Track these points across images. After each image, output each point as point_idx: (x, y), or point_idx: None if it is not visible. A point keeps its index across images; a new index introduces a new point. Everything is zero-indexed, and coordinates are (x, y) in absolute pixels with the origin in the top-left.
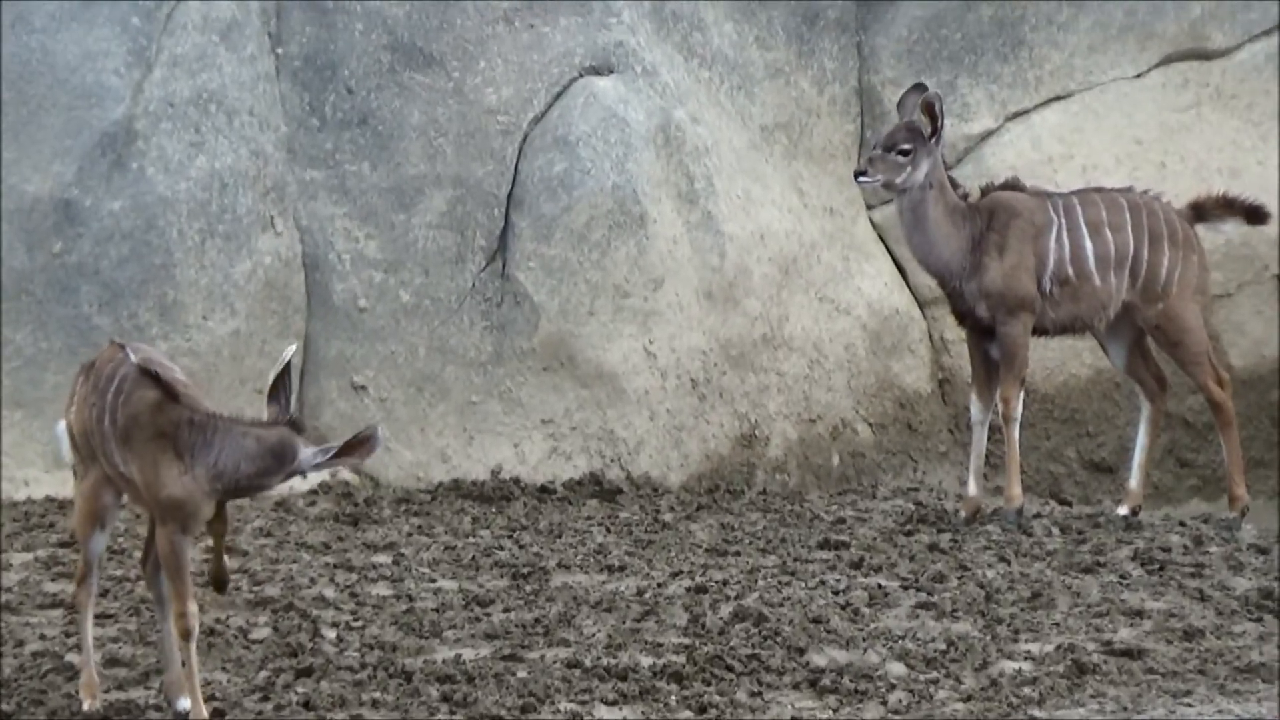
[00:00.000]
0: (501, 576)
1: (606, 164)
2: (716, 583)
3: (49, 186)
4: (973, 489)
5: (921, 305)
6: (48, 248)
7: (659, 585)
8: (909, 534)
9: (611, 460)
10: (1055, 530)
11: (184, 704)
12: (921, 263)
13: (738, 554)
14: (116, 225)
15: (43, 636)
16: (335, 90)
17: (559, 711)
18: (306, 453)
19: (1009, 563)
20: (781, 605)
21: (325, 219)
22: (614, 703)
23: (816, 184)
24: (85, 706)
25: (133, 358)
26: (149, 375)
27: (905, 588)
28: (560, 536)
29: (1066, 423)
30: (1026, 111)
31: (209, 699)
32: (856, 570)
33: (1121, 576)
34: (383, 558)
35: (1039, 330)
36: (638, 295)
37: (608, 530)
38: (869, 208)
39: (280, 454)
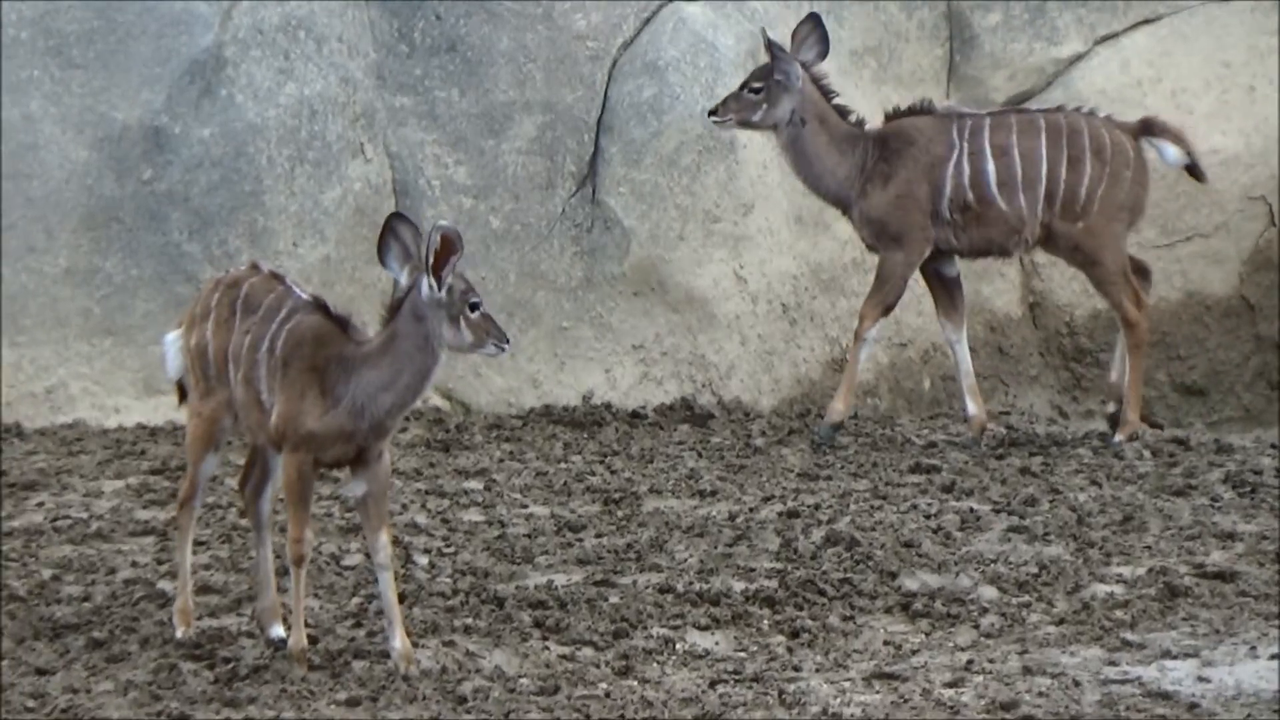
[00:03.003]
0: (593, 502)
1: (696, 89)
2: (808, 507)
3: (138, 114)
4: (972, 408)
5: None
6: (137, 175)
7: (750, 510)
8: (1000, 458)
9: (703, 385)
10: (1146, 453)
11: (277, 631)
12: (814, 195)
13: (829, 478)
14: (206, 152)
15: (135, 564)
16: (424, 16)
17: (651, 637)
18: (426, 305)
19: (1100, 486)
20: (873, 529)
21: (415, 145)
22: (706, 628)
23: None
24: (179, 634)
25: (299, 291)
26: (321, 307)
27: (997, 511)
28: (652, 462)
29: (1157, 346)
30: (1115, 35)
31: None
32: (948, 494)
33: (1213, 499)
34: (474, 484)
35: (955, 251)
36: (728, 220)
37: (699, 455)
38: None
39: (424, 371)
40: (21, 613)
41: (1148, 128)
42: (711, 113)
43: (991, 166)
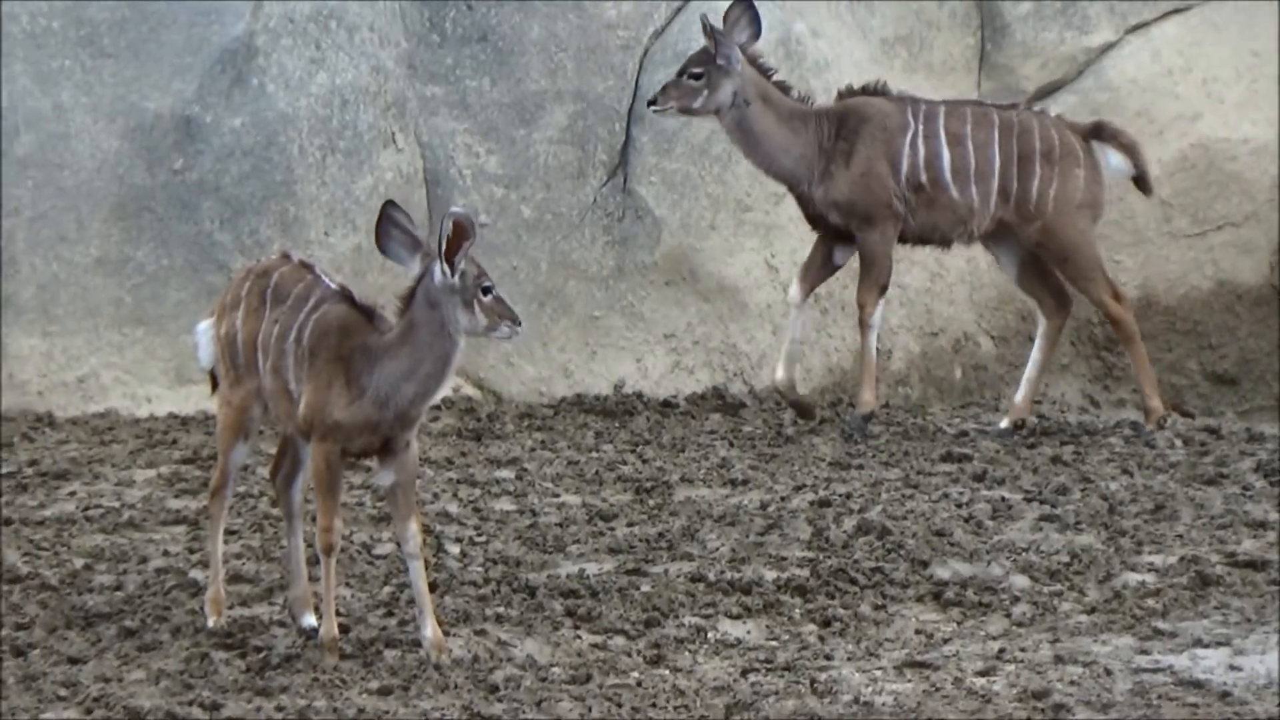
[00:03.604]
0: (625, 491)
1: None
2: (840, 496)
3: (170, 103)
4: (781, 373)
5: None
6: (169, 164)
7: (782, 499)
8: (1031, 446)
9: (734, 374)
10: (1178, 442)
11: (309, 620)
12: (766, 174)
13: (861, 467)
14: (237, 142)
15: (166, 553)
16: (455, 6)
17: (683, 625)
18: (440, 291)
19: (1132, 475)
20: (904, 518)
21: (446, 134)
22: (738, 616)
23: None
24: (210, 623)
25: (327, 281)
26: (347, 297)
27: (1028, 500)
28: (683, 451)
29: (1188, 335)
30: (1146, 24)
31: None
32: (979, 483)
33: (1244, 488)
34: (506, 473)
35: (900, 235)
36: (759, 209)
37: (730, 444)
38: None
39: (444, 358)
40: (54, 602)
41: (1098, 132)
42: (651, 102)
43: (946, 152)
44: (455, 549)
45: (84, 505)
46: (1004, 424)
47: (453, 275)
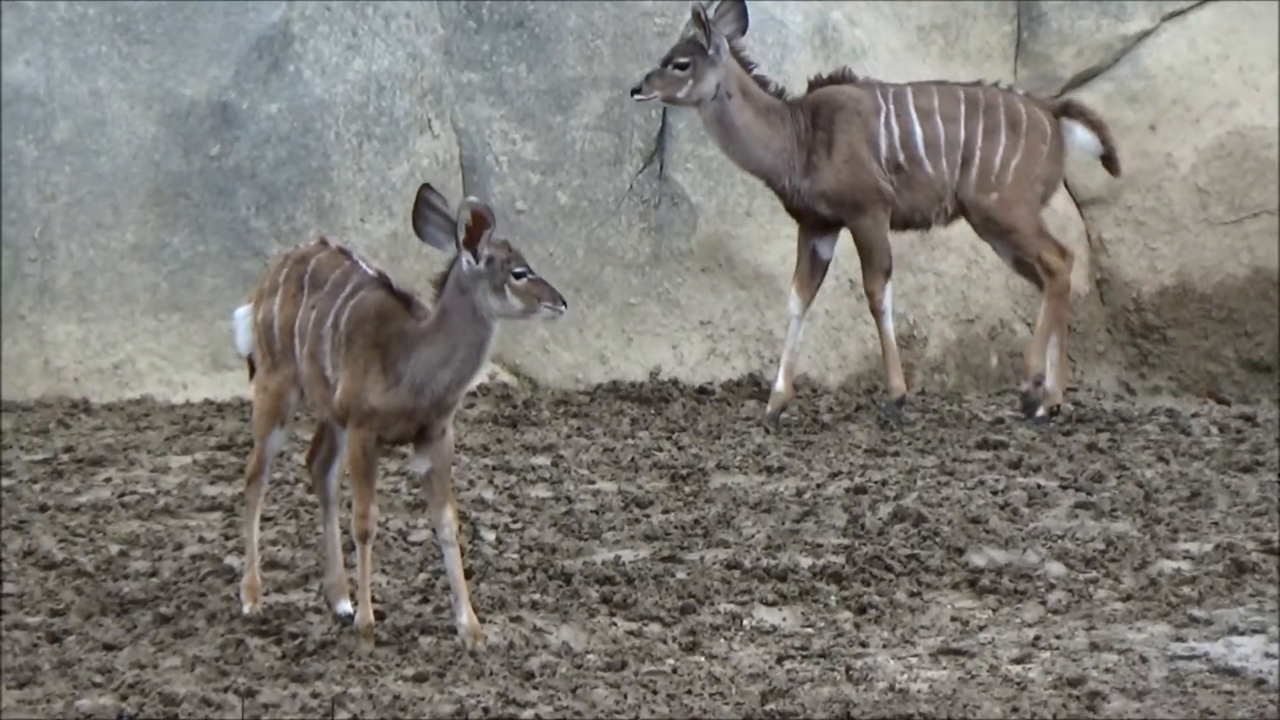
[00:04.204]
0: (660, 478)
1: (764, 65)
2: (875, 483)
3: (206, 90)
4: (780, 384)
5: (1079, 205)
6: (205, 151)
7: (818, 486)
8: (1067, 434)
9: (770, 361)
10: (1214, 429)
11: (344, 607)
12: (744, 169)
13: (896, 454)
14: (273, 128)
15: (202, 539)
16: None
17: (718, 612)
18: (468, 278)
19: (1167, 462)
20: (940, 505)
21: (482, 121)
22: (773, 603)
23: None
24: (246, 609)
25: (365, 267)
26: (384, 284)
27: (1064, 487)
28: (719, 438)
29: (1224, 322)
30: (1183, 12)
31: None
32: (1015, 470)
33: None
34: (541, 459)
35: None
36: None
37: (766, 431)
38: None
39: (478, 344)
40: (89, 588)
41: (1067, 109)
42: (635, 91)
43: (918, 128)
44: (491, 536)
45: (119, 491)
46: (1040, 411)
47: (477, 262)
